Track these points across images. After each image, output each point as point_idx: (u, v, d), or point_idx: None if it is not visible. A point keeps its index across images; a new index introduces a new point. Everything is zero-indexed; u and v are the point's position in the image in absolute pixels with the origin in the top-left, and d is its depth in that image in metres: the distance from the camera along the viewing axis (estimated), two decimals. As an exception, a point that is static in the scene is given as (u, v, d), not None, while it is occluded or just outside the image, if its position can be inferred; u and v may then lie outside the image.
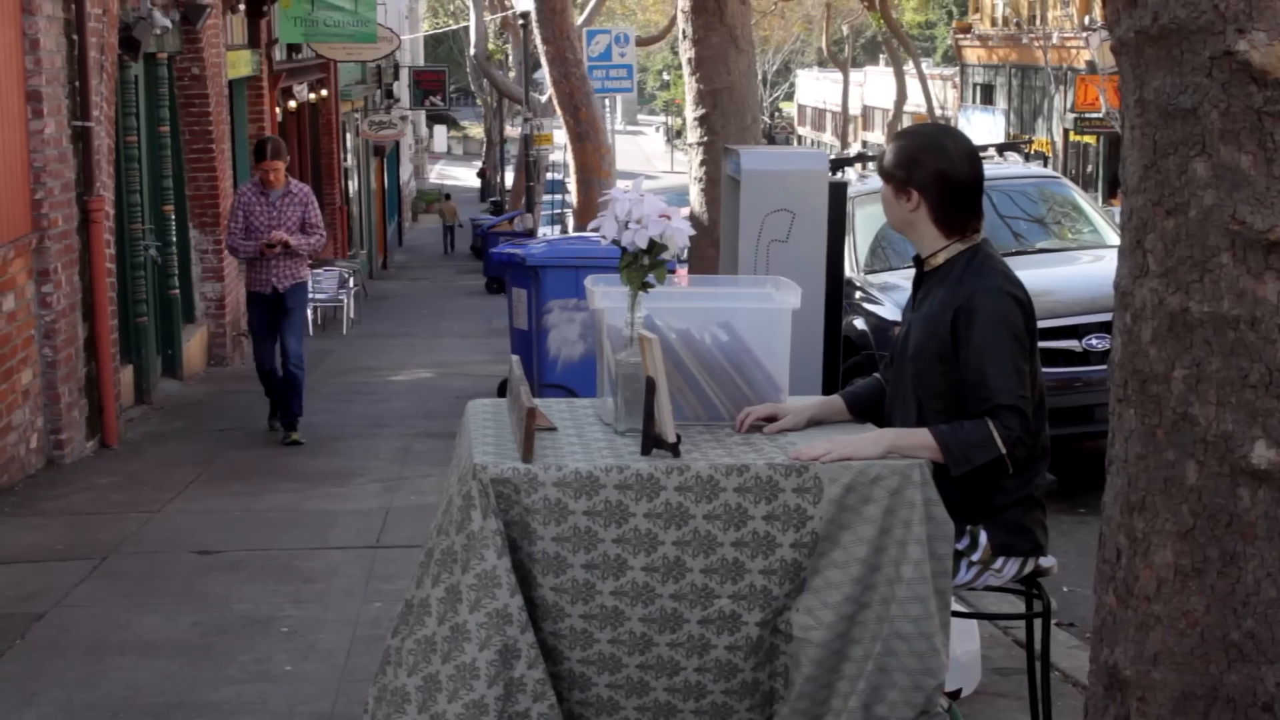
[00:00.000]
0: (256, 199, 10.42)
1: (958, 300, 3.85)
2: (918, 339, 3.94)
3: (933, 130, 4.14)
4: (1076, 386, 8.62)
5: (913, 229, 4.02)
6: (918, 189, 3.95)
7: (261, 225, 10.33)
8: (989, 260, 3.94)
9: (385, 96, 38.03)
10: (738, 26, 9.97)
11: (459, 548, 3.54)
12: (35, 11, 9.31)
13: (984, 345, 3.79)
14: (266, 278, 10.43)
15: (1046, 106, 42.60)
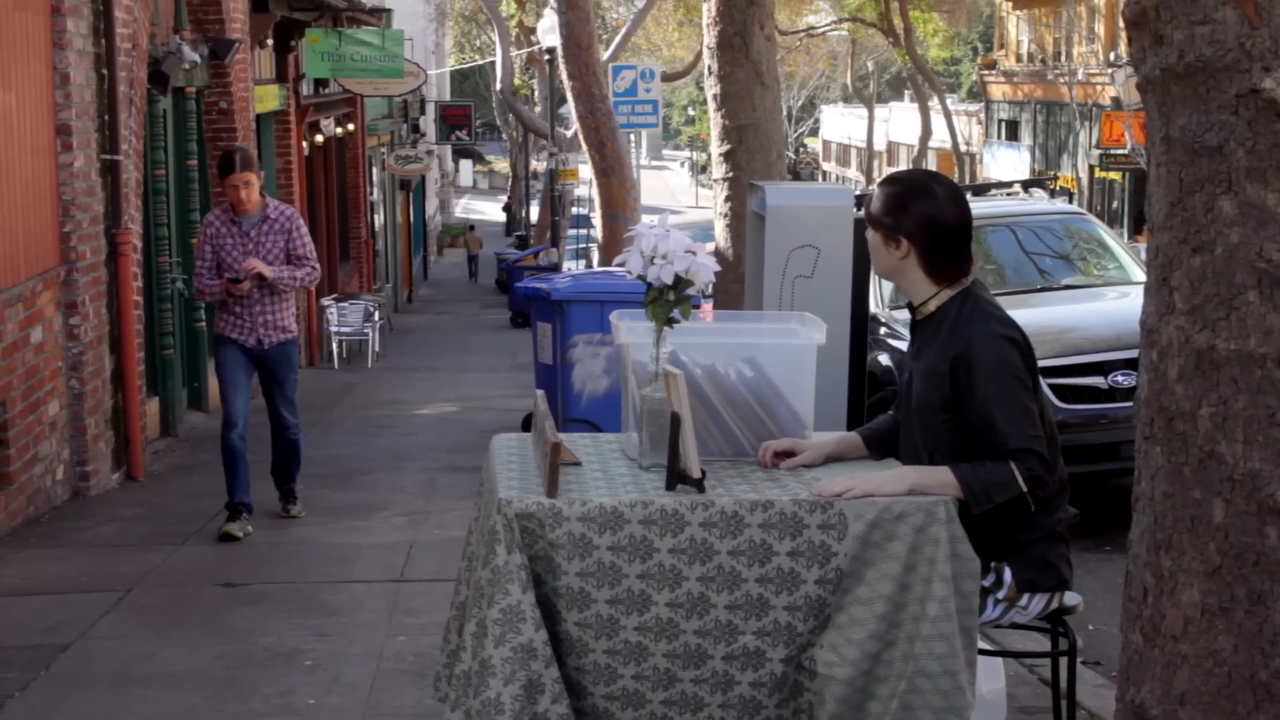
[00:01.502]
0: (226, 229, 8.45)
1: (954, 350, 3.84)
2: (920, 391, 3.94)
3: (920, 175, 4.10)
4: (1102, 423, 8.59)
5: (902, 276, 4.01)
6: (906, 236, 3.93)
7: (234, 262, 8.39)
8: (980, 305, 3.91)
9: (411, 131, 38.20)
10: (763, 63, 10.00)
11: (484, 582, 3.54)
12: (66, 46, 9.38)
13: (988, 393, 3.77)
14: (247, 325, 8.50)
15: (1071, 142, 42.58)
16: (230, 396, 8.57)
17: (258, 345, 8.53)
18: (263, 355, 8.58)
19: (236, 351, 8.55)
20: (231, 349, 8.55)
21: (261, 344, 8.53)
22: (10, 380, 8.40)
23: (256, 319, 8.51)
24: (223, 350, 8.62)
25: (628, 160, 21.38)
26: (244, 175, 8.36)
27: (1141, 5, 2.99)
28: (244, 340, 8.52)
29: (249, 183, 8.39)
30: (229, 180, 8.38)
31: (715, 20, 9.97)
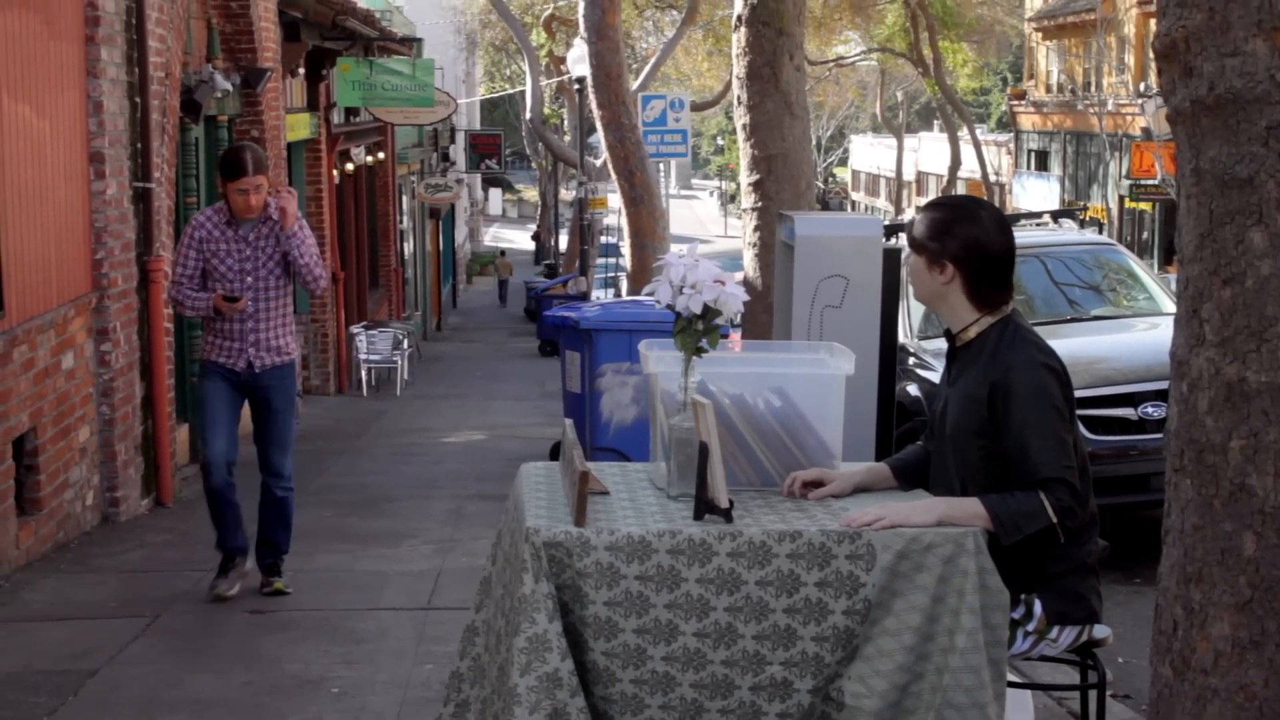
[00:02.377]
0: (220, 233, 7.31)
1: (993, 376, 3.83)
2: (955, 417, 3.93)
3: (964, 200, 4.10)
4: (1132, 455, 8.55)
5: (943, 302, 4.00)
6: (952, 261, 3.92)
7: (229, 272, 7.29)
8: (1021, 332, 3.91)
9: (441, 160, 38.35)
10: (792, 93, 10.01)
11: (509, 610, 3.54)
12: (100, 75, 9.45)
13: (1024, 420, 3.76)
14: (237, 347, 7.35)
15: (1101, 173, 42.49)
16: (210, 435, 7.38)
17: (247, 369, 7.36)
18: (253, 382, 7.38)
19: (221, 381, 7.38)
20: (215, 378, 7.39)
21: (252, 367, 7.36)
22: (41, 406, 8.44)
23: (247, 337, 7.34)
24: (205, 379, 7.45)
25: (657, 189, 21.41)
26: (256, 179, 7.25)
27: (1171, 37, 2.99)
28: (232, 364, 7.35)
29: (260, 187, 7.28)
30: (238, 184, 7.21)
31: (744, 50, 9.99)
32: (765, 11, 9.87)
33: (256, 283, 7.34)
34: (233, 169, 7.25)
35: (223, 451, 7.29)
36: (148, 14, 10.16)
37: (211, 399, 7.41)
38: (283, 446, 7.51)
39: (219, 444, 7.31)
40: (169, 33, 10.77)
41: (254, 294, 7.32)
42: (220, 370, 7.39)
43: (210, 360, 7.43)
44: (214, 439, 7.35)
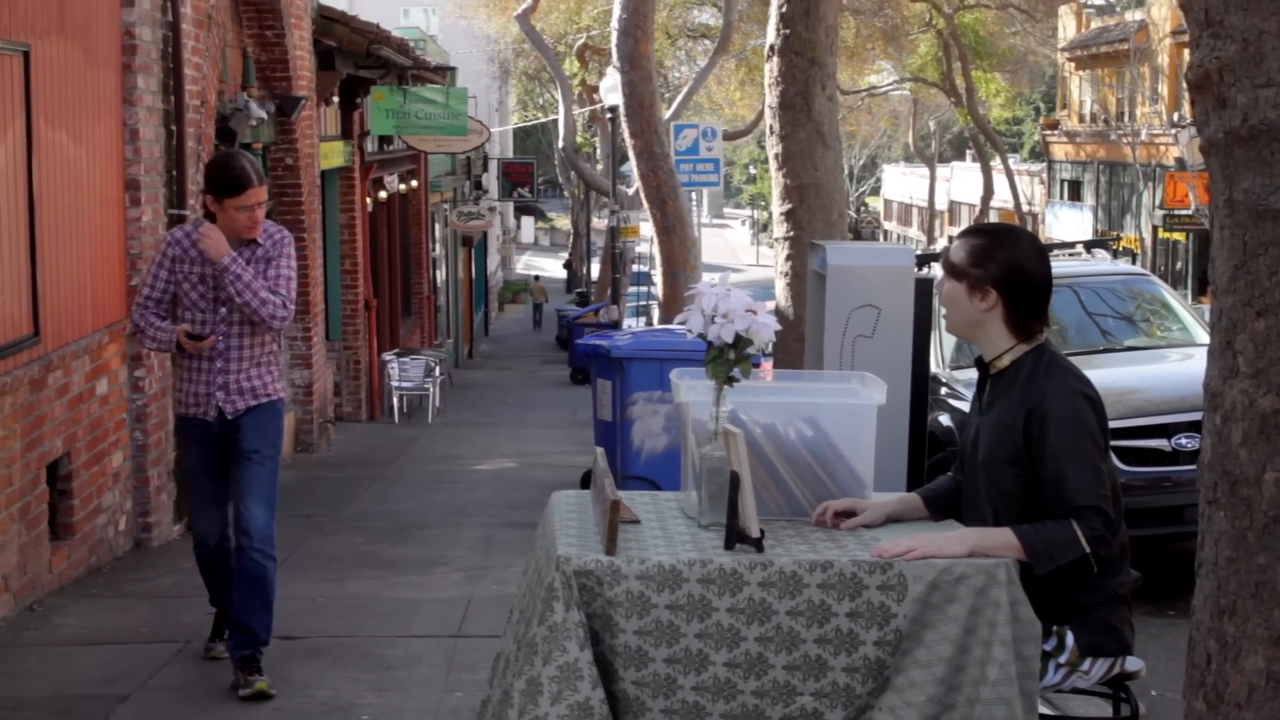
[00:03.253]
0: (196, 255, 6.23)
1: (1029, 404, 3.82)
2: (988, 444, 3.92)
3: (1005, 227, 4.10)
4: (1166, 486, 8.51)
5: (980, 329, 3.98)
6: (995, 287, 3.92)
7: (199, 300, 6.23)
8: (1056, 360, 3.91)
9: (474, 188, 38.49)
10: (825, 123, 10.02)
11: (540, 639, 3.54)
12: (136, 103, 9.53)
13: (1060, 447, 3.75)
14: (203, 392, 6.25)
15: (1135, 203, 42.38)
16: (196, 509, 6.53)
17: (218, 418, 6.24)
18: (226, 431, 6.25)
19: (196, 444, 6.34)
20: (191, 442, 6.38)
21: (223, 414, 6.22)
22: (75, 431, 8.49)
23: (214, 379, 6.22)
24: (182, 443, 6.56)
25: (689, 218, 21.44)
26: (259, 193, 6.18)
27: (1205, 68, 2.99)
28: (202, 413, 6.26)
29: (263, 203, 6.23)
30: (242, 199, 6.12)
31: (777, 80, 10.01)
32: (798, 42, 9.89)
33: (230, 314, 6.22)
34: (234, 183, 6.12)
35: (212, 532, 6.50)
36: (184, 42, 10.24)
37: (192, 473, 6.49)
38: (257, 498, 6.20)
39: (209, 524, 6.49)
40: (205, 61, 10.85)
41: (225, 328, 6.20)
42: (194, 429, 6.32)
43: (183, 416, 6.40)
44: (200, 518, 6.53)
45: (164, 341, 6.26)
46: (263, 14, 13.77)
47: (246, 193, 6.13)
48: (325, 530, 10.67)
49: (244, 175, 6.14)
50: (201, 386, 6.25)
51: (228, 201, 6.13)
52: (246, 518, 6.20)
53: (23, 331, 7.75)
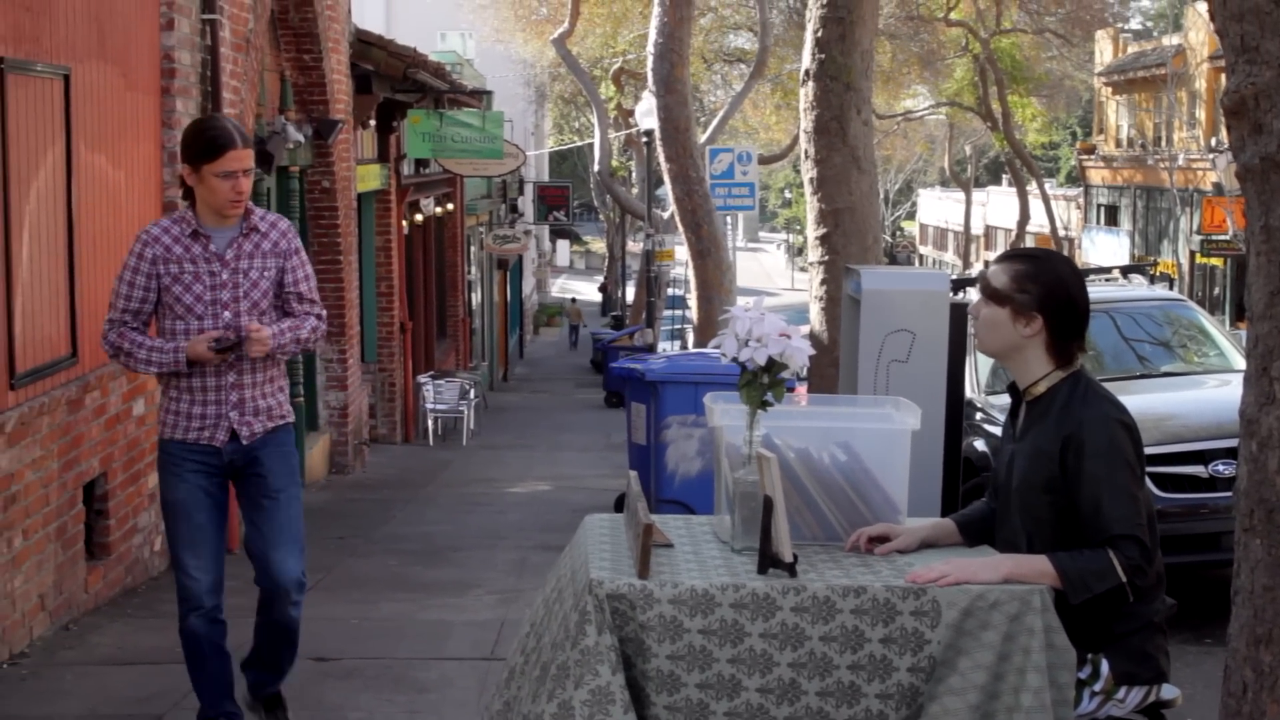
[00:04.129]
0: (184, 249, 5.30)
1: (1066, 431, 3.80)
2: (1023, 471, 3.90)
3: (1046, 252, 4.09)
4: (1202, 513, 8.45)
5: (1019, 354, 3.96)
6: (1040, 311, 3.91)
7: (196, 303, 5.29)
8: (1092, 387, 3.90)
9: (510, 211, 38.58)
10: (860, 147, 10.02)
11: (572, 663, 3.54)
12: (175, 126, 9.59)
13: (1097, 475, 3.74)
14: (213, 413, 5.32)
15: (1172, 228, 42.22)
16: (185, 558, 5.36)
17: (230, 443, 5.34)
18: (240, 459, 5.37)
19: (194, 476, 5.33)
20: (185, 472, 5.33)
21: (237, 439, 5.34)
22: (112, 452, 8.53)
23: (227, 397, 5.33)
24: (170, 475, 5.37)
25: (724, 242, 21.46)
26: (244, 156, 5.25)
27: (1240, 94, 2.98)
28: (208, 439, 5.32)
29: (250, 171, 5.28)
30: (222, 163, 5.19)
31: (812, 105, 10.02)
32: (833, 66, 9.90)
33: (237, 320, 5.29)
34: (213, 144, 5.19)
35: (208, 583, 5.36)
36: (222, 66, 10.31)
37: (184, 508, 5.34)
38: (291, 542, 5.42)
39: (201, 574, 5.35)
40: (243, 85, 10.92)
41: (235, 335, 5.29)
42: (192, 457, 5.32)
43: (174, 441, 5.35)
44: (191, 565, 5.35)
45: (163, 360, 5.26)
46: (301, 38, 13.86)
47: (227, 155, 5.19)
48: (359, 552, 10.69)
49: (224, 134, 5.22)
50: (211, 408, 5.29)
51: (207, 168, 5.19)
52: (281, 570, 5.37)
53: (61, 352, 7.81)
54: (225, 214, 5.27)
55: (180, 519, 5.36)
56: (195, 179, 5.26)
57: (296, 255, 5.45)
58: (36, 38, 7.50)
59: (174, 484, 5.36)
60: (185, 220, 5.35)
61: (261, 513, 5.40)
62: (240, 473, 5.42)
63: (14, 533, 7.09)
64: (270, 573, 5.39)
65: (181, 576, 5.38)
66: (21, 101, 7.24)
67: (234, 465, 5.39)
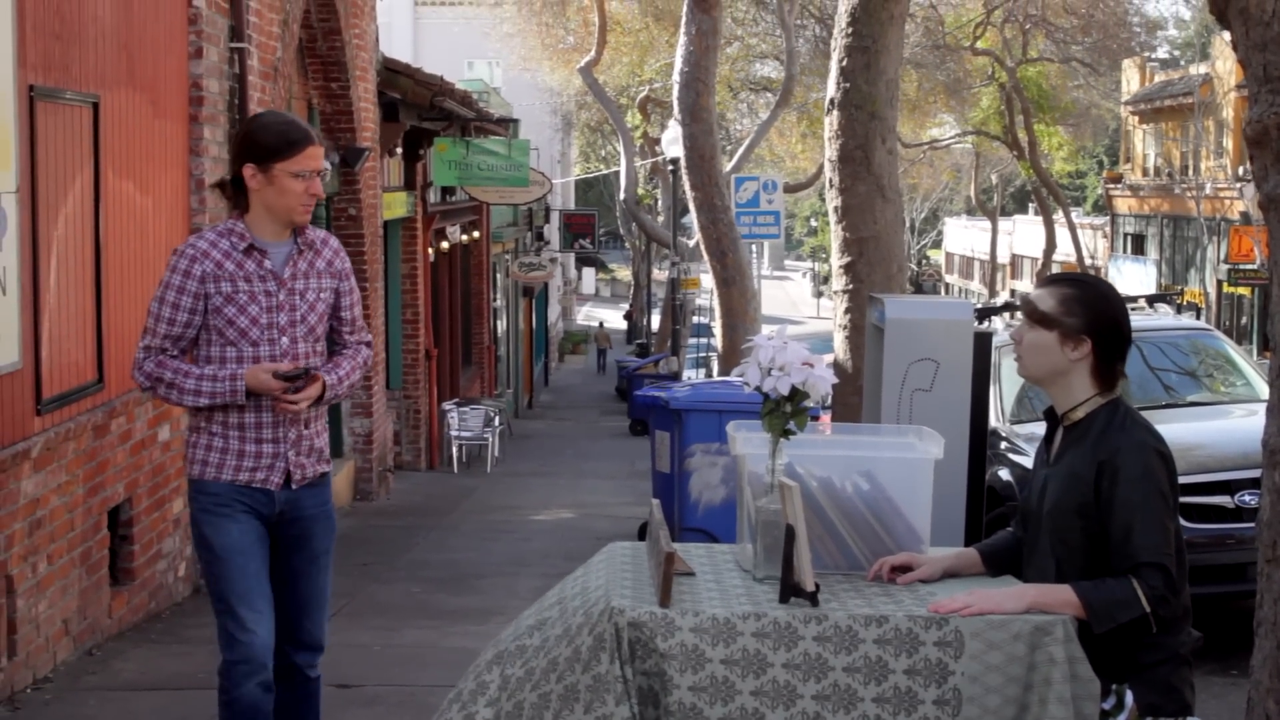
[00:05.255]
0: (236, 266, 4.71)
1: (1101, 456, 3.80)
2: (1056, 494, 3.89)
3: (1093, 279, 4.08)
4: (1229, 544, 8.41)
5: (1063, 379, 3.95)
6: (1091, 336, 3.90)
7: (251, 327, 4.72)
8: (1131, 415, 3.89)
9: (535, 238, 38.68)
10: (884, 176, 10.02)
11: (583, 687, 3.53)
12: (202, 153, 9.65)
13: (1131, 501, 3.73)
14: (269, 451, 4.76)
15: (1199, 257, 42.11)
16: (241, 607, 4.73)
17: (282, 489, 4.80)
18: (288, 507, 4.84)
19: (246, 512, 4.76)
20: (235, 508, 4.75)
21: (288, 483, 4.81)
22: (137, 477, 8.56)
23: (285, 434, 4.77)
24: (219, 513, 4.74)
25: (749, 271, 21.45)
26: (320, 154, 4.73)
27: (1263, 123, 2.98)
28: (262, 481, 4.76)
29: (322, 171, 4.76)
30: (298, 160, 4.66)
31: (837, 134, 10.02)
32: (858, 95, 9.91)
33: (294, 346, 4.78)
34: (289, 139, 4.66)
35: (266, 640, 4.75)
36: (250, 94, 10.37)
37: (237, 553, 4.73)
38: (323, 607, 5.02)
39: (260, 628, 4.73)
40: (270, 113, 10.97)
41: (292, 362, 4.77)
42: (241, 499, 4.75)
43: (216, 482, 4.75)
44: (249, 618, 4.72)
45: (217, 391, 4.64)
46: (328, 66, 13.93)
47: (307, 150, 4.66)
48: (383, 579, 10.69)
49: (300, 128, 4.71)
50: (267, 445, 4.73)
51: (280, 166, 4.64)
52: (313, 633, 4.98)
53: (87, 378, 7.84)
54: (295, 220, 4.72)
55: (233, 566, 4.71)
56: (262, 179, 4.67)
57: (350, 278, 4.98)
58: (66, 66, 7.56)
59: (224, 526, 4.73)
60: (236, 233, 4.73)
61: (300, 577, 4.92)
62: (282, 527, 4.85)
63: (39, 558, 7.11)
64: (299, 637, 4.96)
65: (237, 632, 4.70)
66: (51, 129, 7.29)
67: (282, 516, 4.82)
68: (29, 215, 7.02)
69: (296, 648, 4.96)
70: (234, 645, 4.71)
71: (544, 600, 4.07)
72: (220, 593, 4.76)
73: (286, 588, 4.89)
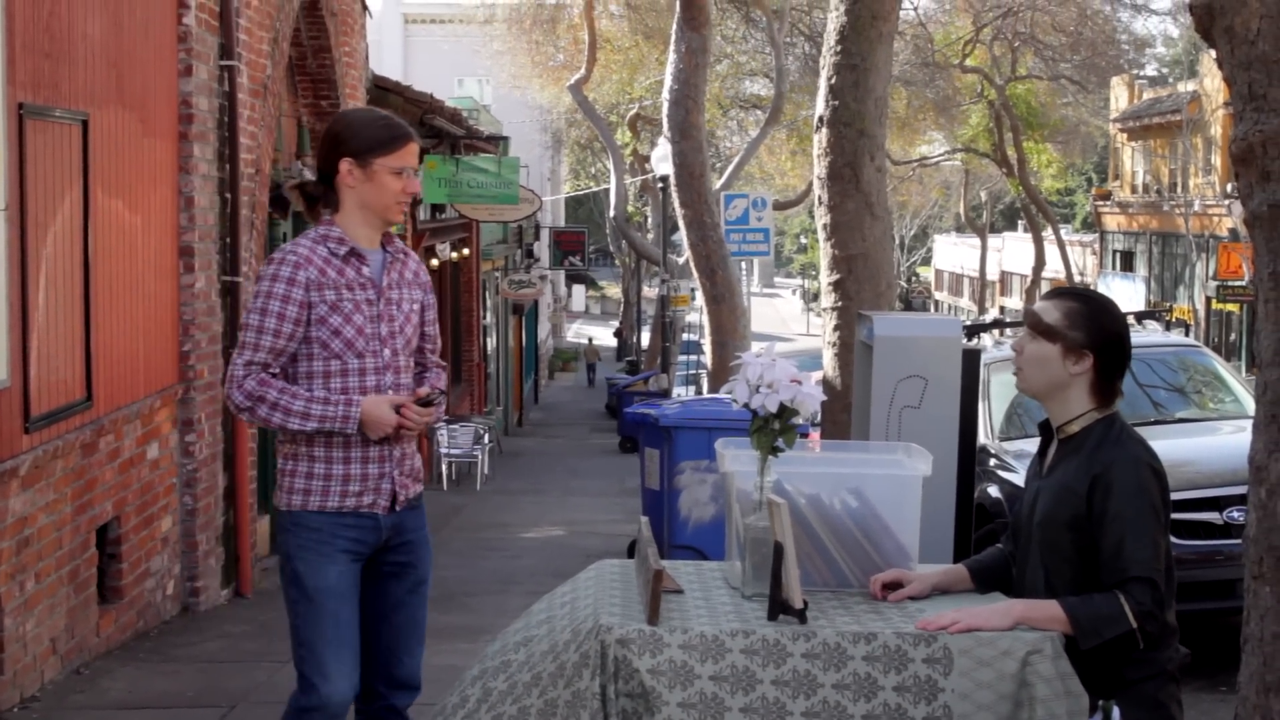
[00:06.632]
0: (337, 273, 4.41)
1: (1095, 470, 3.80)
2: (1048, 506, 3.90)
3: (1098, 294, 4.09)
4: (1218, 560, 8.42)
5: (1062, 392, 3.95)
6: (1093, 351, 3.91)
7: (356, 337, 4.41)
8: (1126, 430, 3.90)
9: (525, 256, 38.70)
10: (873, 193, 10.03)
11: (562, 702, 3.54)
12: (192, 171, 9.65)
13: (1123, 516, 3.74)
14: (374, 473, 4.42)
15: (1188, 274, 42.21)
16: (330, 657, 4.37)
17: (389, 511, 4.47)
18: (392, 532, 4.51)
19: (346, 551, 4.41)
20: (337, 545, 4.39)
21: (394, 505, 4.48)
22: (126, 495, 8.55)
23: (391, 452, 4.46)
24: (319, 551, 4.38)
25: (738, 288, 21.48)
26: (417, 148, 4.55)
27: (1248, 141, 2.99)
28: (369, 505, 4.43)
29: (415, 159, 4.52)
30: (400, 156, 4.46)
31: (825, 151, 10.04)
32: (846, 113, 9.92)
33: (395, 359, 4.49)
34: (391, 133, 4.45)
35: (349, 692, 4.42)
36: (240, 112, 10.38)
37: (334, 598, 4.38)
38: (421, 640, 4.66)
39: (345, 680, 4.40)
40: (260, 130, 10.99)
41: (393, 377, 4.47)
42: (345, 533, 4.40)
43: (321, 513, 4.39)
44: (334, 670, 4.38)
45: (329, 416, 4.32)
46: (318, 84, 13.94)
47: (409, 146, 4.47)
48: None
49: (399, 123, 4.51)
50: (373, 466, 4.41)
51: (380, 161, 4.41)
52: (413, 670, 4.62)
53: (76, 396, 7.83)
54: (391, 218, 4.47)
55: (326, 612, 4.34)
56: (360, 176, 4.42)
57: (432, 292, 4.67)
58: (56, 84, 7.56)
59: (322, 567, 4.35)
60: (333, 238, 4.42)
61: (400, 608, 4.56)
62: (383, 555, 4.51)
63: (26, 576, 7.10)
64: (396, 674, 4.57)
65: (318, 680, 4.35)
66: (40, 146, 7.29)
67: (387, 543, 4.49)
68: (18, 233, 7.02)
69: (393, 687, 4.57)
70: (312, 692, 4.36)
71: (531, 616, 4.07)
72: (306, 637, 4.38)
73: (384, 621, 4.52)
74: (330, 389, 4.36)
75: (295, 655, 4.43)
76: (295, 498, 4.39)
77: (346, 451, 4.38)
